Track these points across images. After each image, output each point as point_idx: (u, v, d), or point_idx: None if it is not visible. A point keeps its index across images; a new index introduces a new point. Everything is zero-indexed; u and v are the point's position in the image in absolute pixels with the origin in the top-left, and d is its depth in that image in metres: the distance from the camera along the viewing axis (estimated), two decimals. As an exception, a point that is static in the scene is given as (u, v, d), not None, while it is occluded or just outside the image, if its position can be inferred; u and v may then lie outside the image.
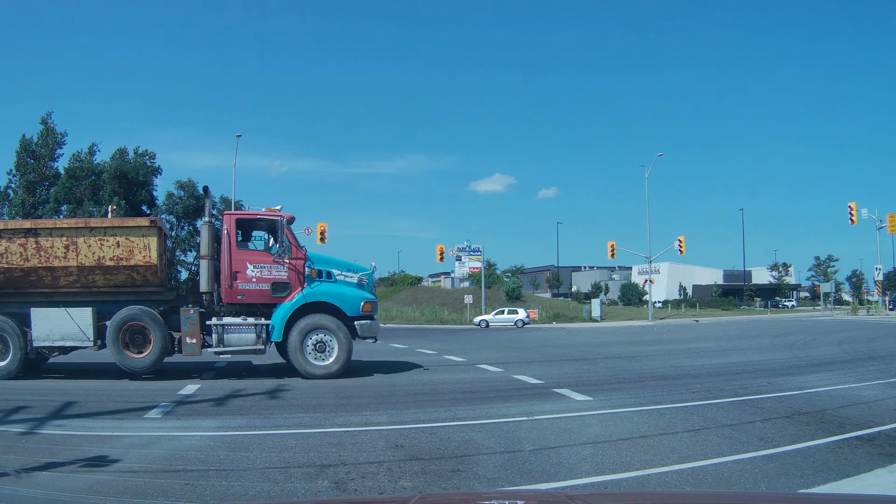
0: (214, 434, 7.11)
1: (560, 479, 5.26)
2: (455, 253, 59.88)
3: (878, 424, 7.17)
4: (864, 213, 40.44)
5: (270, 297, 12.01)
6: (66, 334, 11.61)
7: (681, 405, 8.73)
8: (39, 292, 11.80)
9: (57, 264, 11.49)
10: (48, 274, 11.58)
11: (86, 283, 11.73)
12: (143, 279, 11.84)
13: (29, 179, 51.05)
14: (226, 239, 12.05)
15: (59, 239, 11.51)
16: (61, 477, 5.34)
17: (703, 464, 5.68)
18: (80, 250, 11.48)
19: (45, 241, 11.48)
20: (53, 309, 11.65)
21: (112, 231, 11.67)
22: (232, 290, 11.96)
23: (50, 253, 11.48)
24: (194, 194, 48.41)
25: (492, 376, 12.49)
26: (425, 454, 6.12)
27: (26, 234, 11.52)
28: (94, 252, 11.53)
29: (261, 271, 12.03)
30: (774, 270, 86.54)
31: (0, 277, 11.56)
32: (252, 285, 11.97)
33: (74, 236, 11.53)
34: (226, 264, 11.97)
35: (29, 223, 12.00)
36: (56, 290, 11.77)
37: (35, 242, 11.46)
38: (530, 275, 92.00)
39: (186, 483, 5.17)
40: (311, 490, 5.02)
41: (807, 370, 12.62)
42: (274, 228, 12.36)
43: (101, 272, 11.63)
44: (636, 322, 39.52)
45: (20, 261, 11.46)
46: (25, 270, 11.52)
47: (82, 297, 11.80)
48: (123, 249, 11.57)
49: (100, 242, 11.55)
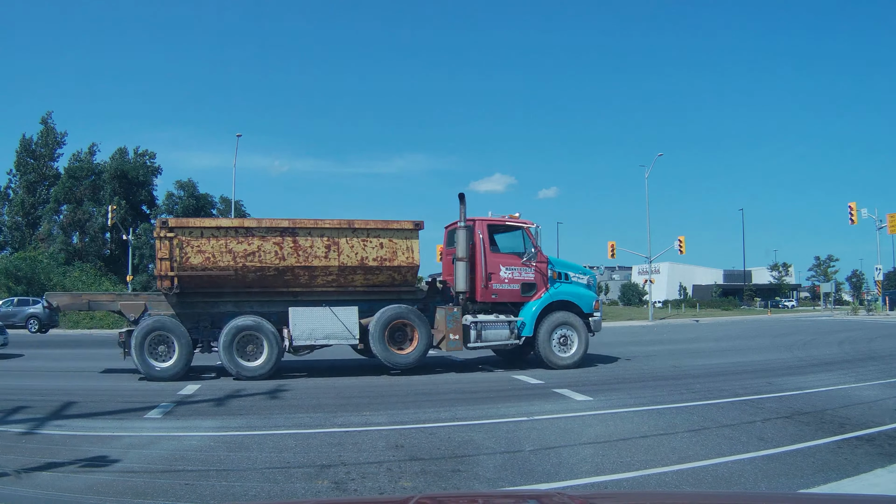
0: (214, 434, 7.11)
1: (560, 479, 5.26)
2: (455, 253, 59.78)
3: (878, 424, 7.17)
4: (864, 213, 40.45)
5: (520, 297, 13.04)
6: (331, 333, 11.82)
7: (681, 405, 8.73)
8: (290, 291, 11.94)
9: (317, 264, 11.66)
10: (305, 273, 11.70)
11: (343, 283, 11.99)
12: (402, 279, 12.34)
13: (29, 179, 51.08)
14: (480, 244, 12.81)
15: (319, 239, 11.69)
16: (61, 477, 5.34)
17: (704, 464, 5.69)
18: (342, 250, 11.74)
19: (304, 241, 11.64)
20: (317, 308, 11.82)
21: (376, 232, 11.98)
22: (487, 290, 12.82)
23: (309, 252, 11.63)
24: (194, 194, 48.43)
25: (492, 376, 12.49)
26: (425, 454, 6.12)
27: (283, 232, 11.62)
28: (357, 253, 11.82)
29: (512, 273, 13.00)
30: (774, 270, 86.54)
31: (252, 276, 11.58)
32: (504, 286, 12.93)
33: (336, 237, 11.77)
34: (481, 266, 12.78)
35: (287, 222, 11.79)
36: (310, 290, 11.94)
37: (293, 241, 11.61)
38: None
39: (186, 483, 5.17)
40: (311, 490, 5.02)
41: (807, 370, 12.62)
42: (522, 234, 13.28)
43: (363, 272, 11.94)
44: (636, 322, 39.49)
45: (275, 260, 11.52)
46: (280, 270, 11.60)
47: (338, 297, 12.07)
48: (387, 251, 11.97)
49: (363, 243, 11.89)
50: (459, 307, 12.47)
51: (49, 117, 52.60)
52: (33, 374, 12.92)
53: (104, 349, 16.69)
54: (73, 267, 41.08)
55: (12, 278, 31.79)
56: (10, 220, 50.83)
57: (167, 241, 11.19)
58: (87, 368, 13.67)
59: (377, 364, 12.89)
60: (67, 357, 17.18)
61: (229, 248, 11.34)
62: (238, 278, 11.53)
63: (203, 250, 11.27)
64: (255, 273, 11.50)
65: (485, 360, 15.09)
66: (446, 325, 12.21)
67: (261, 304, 11.90)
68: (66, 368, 14.23)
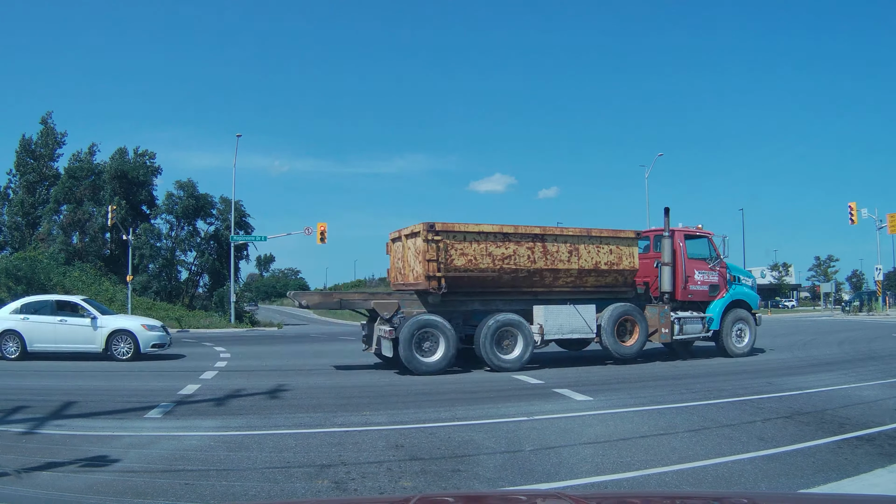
0: (214, 434, 7.11)
1: (560, 479, 5.26)
2: (455, 253, 59.73)
3: (878, 424, 7.17)
4: (864, 213, 40.42)
5: (707, 297, 14.96)
6: (575, 327, 13.28)
7: (681, 405, 8.73)
8: (531, 291, 13.19)
9: (561, 267, 13.04)
10: (551, 275, 13.05)
11: (578, 284, 13.44)
12: (624, 281, 13.95)
13: (29, 179, 51.08)
14: (680, 251, 14.65)
15: (563, 245, 13.05)
16: (61, 477, 5.34)
17: (704, 464, 5.69)
18: (580, 255, 13.19)
19: (552, 247, 12.97)
20: (563, 305, 13.24)
21: (607, 240, 13.47)
22: (685, 291, 14.72)
23: (555, 257, 12.99)
24: (194, 194, 48.40)
25: (492, 376, 12.48)
26: (425, 454, 6.12)
27: (534, 238, 12.87)
28: (593, 257, 13.30)
29: (703, 276, 14.92)
30: (774, 270, 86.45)
31: (506, 277, 12.75)
32: (697, 287, 14.85)
33: (577, 243, 13.16)
34: (681, 270, 14.63)
35: (539, 229, 13.13)
36: (550, 290, 13.29)
37: (542, 247, 12.90)
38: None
39: (186, 483, 5.17)
40: (311, 490, 5.02)
41: (807, 370, 12.62)
42: (708, 243, 15.31)
43: (595, 274, 13.44)
44: (636, 322, 39.45)
45: (528, 263, 12.77)
46: (531, 271, 12.86)
47: (571, 296, 13.48)
48: (615, 255, 13.51)
49: (597, 249, 13.32)
50: (669, 305, 14.26)
51: (49, 117, 52.60)
52: (35, 374, 12.91)
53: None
54: (73, 267, 41.04)
55: (12, 278, 31.77)
56: (10, 220, 50.80)
57: (434, 245, 12.17)
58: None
59: (379, 365, 12.89)
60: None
61: (489, 251, 12.53)
62: (494, 279, 12.74)
63: (466, 253, 12.40)
64: (510, 274, 12.75)
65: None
66: (659, 321, 13.96)
67: (505, 303, 13.11)
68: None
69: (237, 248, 41.33)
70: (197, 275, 51.31)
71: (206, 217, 50.15)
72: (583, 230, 13.34)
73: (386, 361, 13.31)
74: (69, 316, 15.95)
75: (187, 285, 50.87)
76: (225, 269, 44.74)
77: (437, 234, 12.13)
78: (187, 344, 21.82)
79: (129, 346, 15.53)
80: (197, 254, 50.00)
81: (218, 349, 18.79)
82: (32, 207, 50.54)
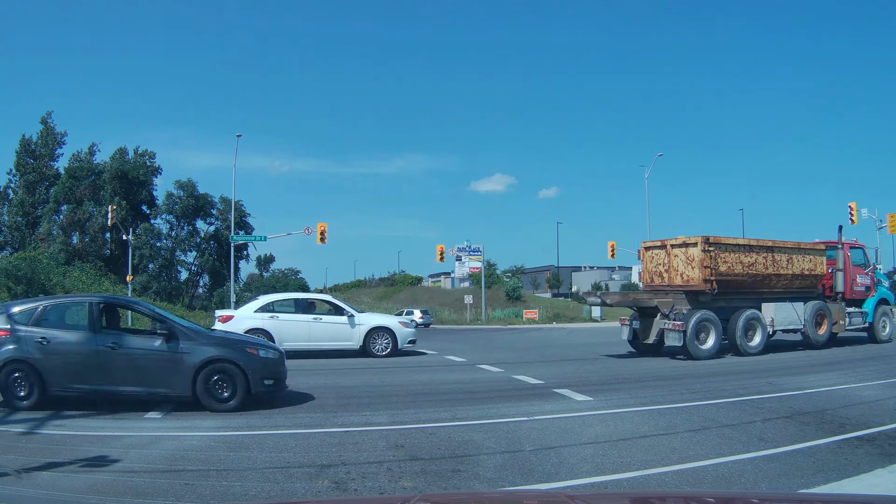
0: (214, 434, 7.11)
1: (560, 479, 5.26)
2: (455, 253, 59.79)
3: (878, 424, 7.17)
4: (864, 213, 40.33)
5: (864, 295, 18.10)
6: (791, 320, 16.27)
7: (681, 405, 8.73)
8: (756, 292, 15.96)
9: (782, 272, 16.02)
10: (775, 279, 15.98)
11: (789, 286, 16.33)
12: (815, 283, 16.86)
13: (29, 179, 51.08)
14: (848, 259, 17.67)
15: (783, 255, 16.10)
16: (61, 477, 5.34)
17: (704, 464, 5.69)
18: (793, 263, 16.24)
19: (778, 256, 15.97)
20: (785, 303, 16.18)
21: (807, 251, 16.65)
22: (851, 291, 17.78)
23: (779, 264, 15.98)
24: (194, 194, 48.41)
25: (492, 376, 12.49)
26: (425, 454, 6.12)
27: (767, 250, 15.88)
28: (800, 265, 16.36)
29: (862, 279, 18.09)
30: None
31: (748, 281, 15.58)
32: (858, 288, 18.01)
33: (791, 254, 16.30)
34: (849, 275, 17.66)
35: (770, 242, 16.13)
36: (770, 291, 16.09)
37: (771, 256, 15.88)
38: (530, 275, 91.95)
39: (186, 483, 5.17)
40: (311, 490, 5.02)
41: (807, 370, 12.62)
42: (863, 252, 18.63)
43: (801, 279, 16.43)
44: (636, 322, 39.54)
45: (763, 269, 15.72)
46: (764, 276, 15.77)
47: (782, 296, 16.23)
48: (812, 263, 16.59)
49: (802, 258, 16.41)
50: (844, 303, 17.38)
51: (49, 117, 52.62)
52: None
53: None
54: (74, 267, 41.04)
55: (12, 278, 31.77)
56: (10, 220, 50.79)
57: (709, 254, 14.84)
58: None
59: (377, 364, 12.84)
60: None
61: (740, 259, 15.38)
62: (740, 282, 15.50)
63: (727, 261, 15.16)
64: (750, 278, 15.57)
65: (485, 361, 15.09)
66: (838, 315, 17.03)
67: (742, 301, 15.65)
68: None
69: (237, 248, 41.36)
70: (197, 275, 51.34)
71: (206, 217, 50.19)
72: (794, 244, 16.61)
73: (637, 350, 16.24)
74: (323, 314, 16.27)
75: (187, 285, 50.88)
76: (225, 269, 44.79)
77: (710, 246, 14.92)
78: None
79: (388, 342, 16.12)
80: (197, 254, 50.02)
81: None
82: (32, 207, 50.54)
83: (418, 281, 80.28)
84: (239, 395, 8.45)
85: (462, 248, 59.72)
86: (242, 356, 8.68)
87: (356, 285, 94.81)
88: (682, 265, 15.46)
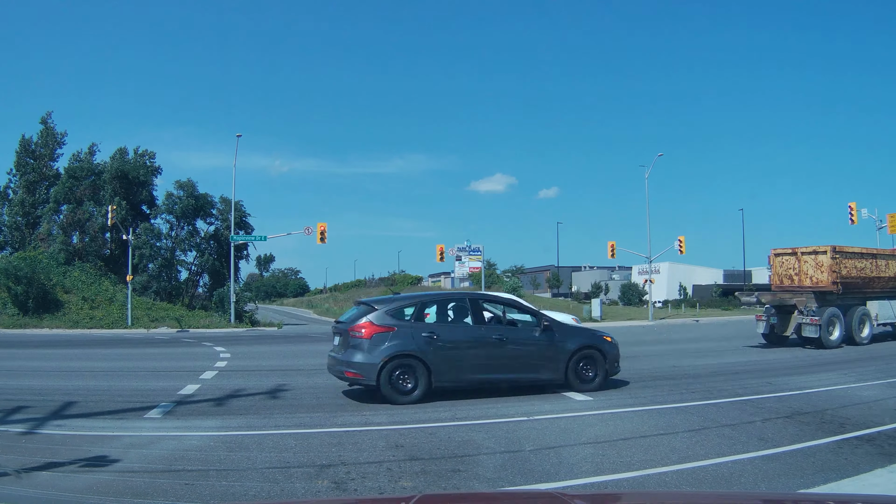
0: (214, 434, 7.11)
1: (560, 479, 5.26)
2: (455, 253, 59.81)
3: (878, 424, 7.18)
4: (864, 213, 40.33)
5: None
6: (888, 316, 19.09)
7: (681, 405, 8.73)
8: (861, 292, 18.47)
9: (881, 275, 18.90)
10: (878, 281, 18.89)
11: (886, 287, 19.15)
12: None
13: (29, 179, 51.06)
14: None
15: (883, 260, 19.20)
16: (61, 477, 5.34)
17: (704, 464, 5.69)
18: (890, 267, 19.16)
19: (880, 262, 19.10)
20: (885, 301, 19.03)
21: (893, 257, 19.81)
22: None
23: (880, 269, 18.97)
24: (193, 194, 48.32)
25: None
26: (425, 454, 6.12)
27: (871, 257, 19.05)
28: (893, 269, 19.26)
29: None
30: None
31: (856, 283, 18.25)
32: None
33: (889, 259, 19.47)
34: None
35: (875, 250, 19.93)
36: (871, 291, 18.80)
37: (874, 262, 18.91)
38: (530, 275, 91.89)
39: (186, 483, 5.17)
40: (311, 490, 5.02)
41: (807, 370, 12.63)
42: None
43: (894, 281, 19.17)
44: (636, 322, 39.48)
45: (869, 273, 18.63)
46: (869, 279, 18.62)
47: (882, 295, 19.05)
48: None
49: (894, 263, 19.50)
50: None
51: (49, 117, 52.52)
52: (36, 375, 12.91)
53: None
54: (73, 267, 41.00)
55: (12, 278, 31.78)
56: (10, 220, 50.74)
57: (836, 261, 17.74)
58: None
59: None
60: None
61: (855, 265, 18.33)
62: (854, 284, 18.21)
63: (846, 267, 18.03)
64: (861, 280, 18.40)
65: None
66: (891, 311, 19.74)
67: (851, 299, 18.16)
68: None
69: (237, 248, 41.29)
70: (197, 275, 51.25)
71: (206, 217, 50.05)
72: (891, 251, 20.76)
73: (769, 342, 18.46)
74: None
75: (187, 285, 50.80)
76: (225, 269, 44.71)
77: (837, 253, 17.85)
78: (188, 344, 21.83)
79: None
80: (197, 254, 49.92)
81: (218, 349, 18.77)
82: (32, 207, 50.50)
83: (418, 281, 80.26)
84: (600, 376, 9.78)
85: (462, 248, 59.82)
86: (604, 343, 10.00)
87: (356, 285, 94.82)
88: (811, 269, 18.28)
